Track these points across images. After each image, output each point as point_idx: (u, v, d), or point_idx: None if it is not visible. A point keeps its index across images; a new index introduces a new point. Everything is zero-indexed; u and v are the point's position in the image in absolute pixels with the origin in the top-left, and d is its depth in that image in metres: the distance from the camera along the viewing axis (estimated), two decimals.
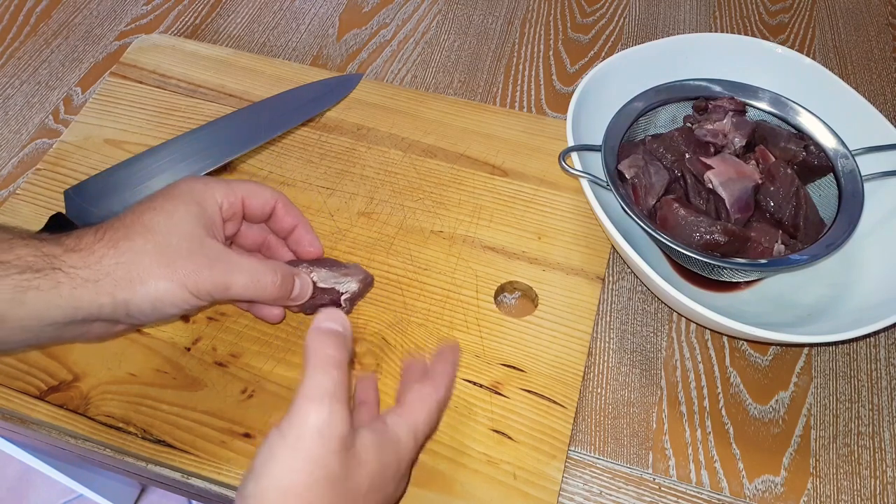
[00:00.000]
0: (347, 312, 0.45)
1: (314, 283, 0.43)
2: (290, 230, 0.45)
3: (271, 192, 0.44)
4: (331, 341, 0.34)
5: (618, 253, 0.50)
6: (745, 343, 0.49)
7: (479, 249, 0.51)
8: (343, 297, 0.44)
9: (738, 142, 0.49)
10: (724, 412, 0.46)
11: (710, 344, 0.49)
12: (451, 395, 0.41)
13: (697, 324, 0.50)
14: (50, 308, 0.35)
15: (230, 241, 0.45)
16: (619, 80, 0.52)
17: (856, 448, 0.45)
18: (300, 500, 0.31)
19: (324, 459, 0.32)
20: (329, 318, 0.35)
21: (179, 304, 0.37)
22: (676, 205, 0.46)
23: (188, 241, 0.38)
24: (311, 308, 0.44)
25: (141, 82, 0.61)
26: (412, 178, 0.55)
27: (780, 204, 0.47)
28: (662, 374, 0.48)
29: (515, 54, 0.67)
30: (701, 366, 0.48)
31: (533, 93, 0.63)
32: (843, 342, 0.49)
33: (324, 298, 0.44)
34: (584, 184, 0.47)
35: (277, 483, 0.31)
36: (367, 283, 0.46)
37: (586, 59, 0.66)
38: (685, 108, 0.53)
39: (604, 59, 0.63)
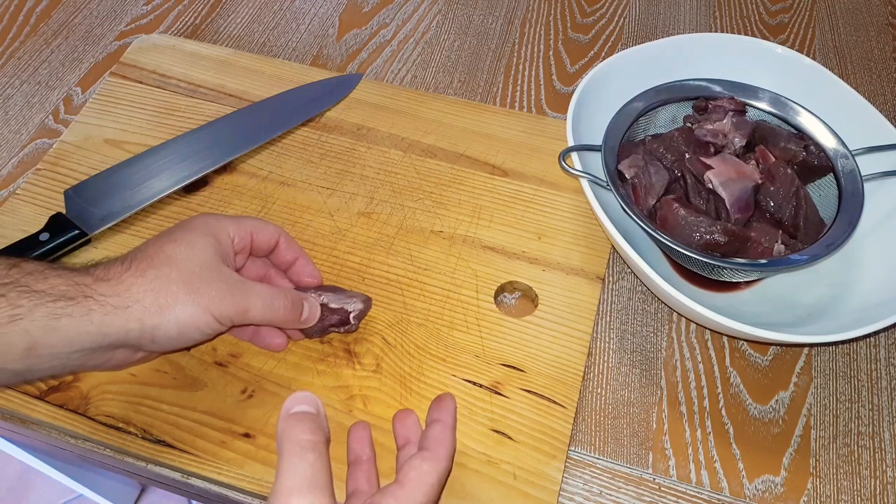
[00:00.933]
0: (355, 329, 0.46)
1: (325, 304, 0.45)
2: (291, 263, 0.47)
3: (275, 227, 0.46)
4: (304, 425, 0.33)
5: (618, 253, 0.50)
6: (745, 343, 0.49)
7: (479, 249, 0.51)
8: (352, 315, 0.45)
9: (738, 142, 0.49)
10: (724, 412, 0.46)
11: (710, 344, 0.49)
12: (452, 465, 0.39)
13: (697, 324, 0.50)
14: (81, 334, 0.36)
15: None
16: (619, 80, 0.52)
17: (856, 448, 0.45)
18: None
19: None
20: (300, 401, 0.34)
21: (203, 329, 0.39)
22: (676, 205, 0.46)
23: (208, 269, 0.39)
24: (320, 331, 0.45)
25: (141, 82, 0.61)
26: (412, 178, 0.55)
27: (780, 204, 0.47)
28: (662, 374, 0.48)
29: (515, 54, 0.66)
30: (701, 366, 0.48)
31: (533, 93, 0.63)
32: (843, 342, 0.49)
33: (332, 318, 0.45)
34: (584, 184, 0.47)
35: None
36: (369, 304, 0.47)
37: (586, 59, 0.66)
38: (685, 108, 0.53)
39: (604, 59, 0.63)
